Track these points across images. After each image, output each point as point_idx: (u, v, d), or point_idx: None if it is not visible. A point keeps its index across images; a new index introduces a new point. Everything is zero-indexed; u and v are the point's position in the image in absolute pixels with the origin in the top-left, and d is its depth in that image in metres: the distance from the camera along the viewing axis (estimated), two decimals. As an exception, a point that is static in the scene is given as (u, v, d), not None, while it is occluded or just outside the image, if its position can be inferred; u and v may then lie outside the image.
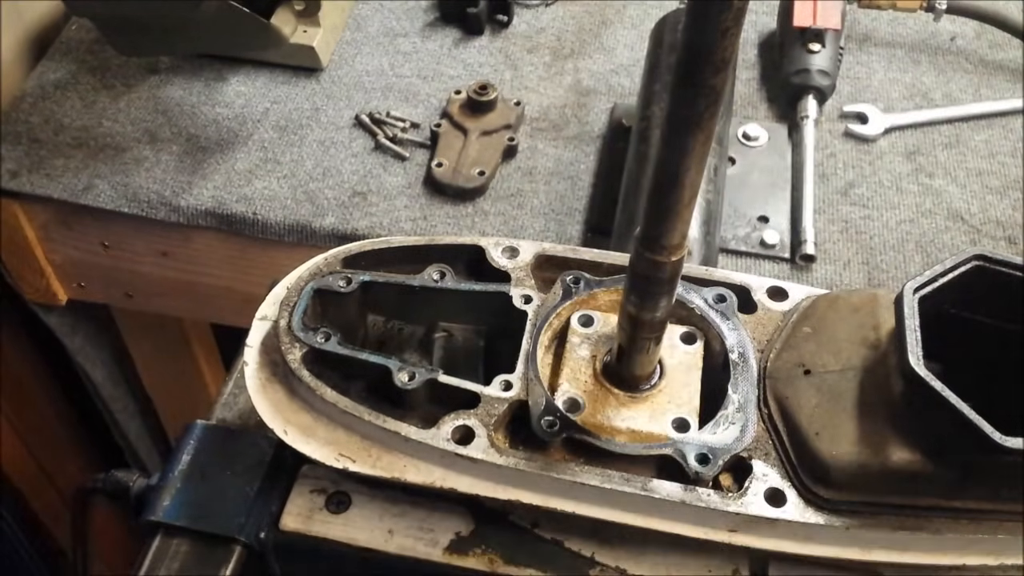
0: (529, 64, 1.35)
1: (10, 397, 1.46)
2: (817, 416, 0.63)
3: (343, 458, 0.66)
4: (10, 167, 1.22)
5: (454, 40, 1.39)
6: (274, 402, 0.69)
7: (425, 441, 0.64)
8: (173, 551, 0.69)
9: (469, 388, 0.67)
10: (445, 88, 1.31)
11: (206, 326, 1.71)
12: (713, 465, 0.63)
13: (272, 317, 0.72)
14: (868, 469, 0.60)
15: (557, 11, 1.43)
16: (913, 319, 0.58)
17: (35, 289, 1.34)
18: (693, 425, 0.66)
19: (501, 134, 1.23)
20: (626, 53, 1.37)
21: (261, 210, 1.17)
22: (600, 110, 1.29)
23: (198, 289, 1.29)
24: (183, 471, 0.72)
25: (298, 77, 1.33)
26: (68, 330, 1.44)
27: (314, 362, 0.68)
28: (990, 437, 0.54)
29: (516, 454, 0.64)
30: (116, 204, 1.19)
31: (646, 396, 0.67)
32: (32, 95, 1.31)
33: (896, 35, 1.40)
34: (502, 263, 0.73)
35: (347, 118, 1.28)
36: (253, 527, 0.69)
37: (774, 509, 0.62)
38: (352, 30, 1.40)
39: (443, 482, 0.65)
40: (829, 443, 0.62)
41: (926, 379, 0.56)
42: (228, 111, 1.29)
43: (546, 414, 0.65)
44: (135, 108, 1.29)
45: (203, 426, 0.75)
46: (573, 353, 0.70)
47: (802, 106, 1.23)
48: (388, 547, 0.67)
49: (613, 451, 0.64)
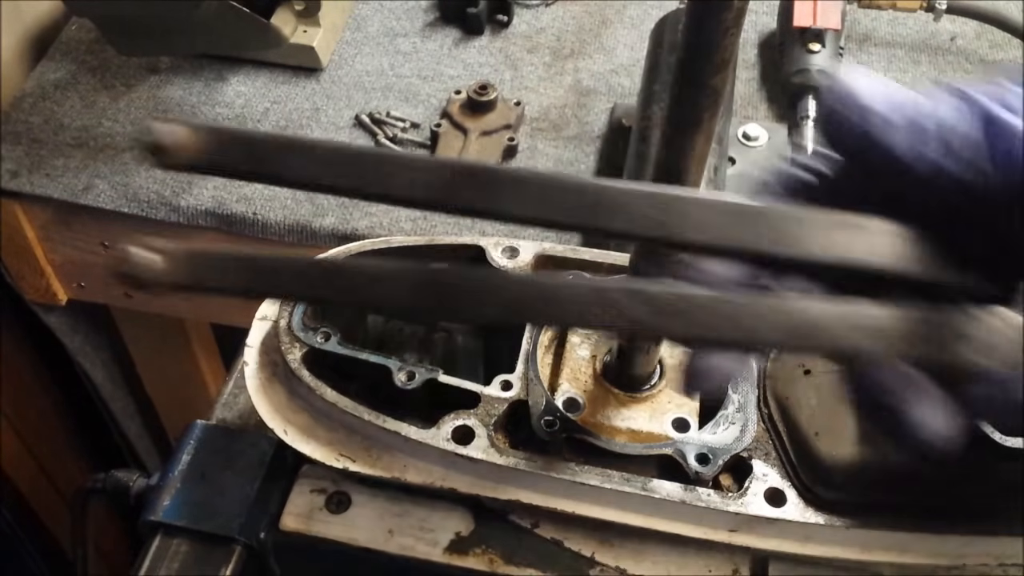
0: (529, 64, 1.35)
1: (10, 397, 1.46)
2: (817, 416, 0.63)
3: (343, 458, 0.66)
4: (10, 167, 1.22)
5: (454, 40, 1.39)
6: (274, 402, 0.69)
7: (425, 441, 0.64)
8: (173, 551, 0.69)
9: (469, 388, 0.67)
10: (445, 88, 1.31)
11: (206, 326, 1.71)
12: (713, 465, 0.63)
13: (272, 317, 0.72)
14: (868, 469, 0.60)
15: (557, 11, 1.43)
16: (913, 319, 0.58)
17: (35, 289, 1.34)
18: (693, 425, 0.66)
19: (501, 134, 1.23)
20: (626, 53, 1.37)
21: (261, 210, 1.17)
22: (600, 110, 1.29)
23: (198, 289, 1.29)
24: (183, 471, 0.72)
25: (298, 77, 1.33)
26: (68, 330, 1.44)
27: (314, 362, 0.68)
28: (990, 437, 0.54)
29: (516, 454, 0.64)
30: (116, 204, 1.19)
31: (646, 396, 0.67)
32: (32, 95, 1.31)
33: (896, 35, 1.40)
34: (502, 263, 0.73)
35: (347, 118, 1.28)
36: (253, 527, 0.69)
37: (774, 509, 0.62)
38: (352, 30, 1.40)
39: (443, 482, 0.65)
40: (829, 443, 0.62)
41: (926, 379, 0.56)
42: (228, 111, 1.29)
43: (546, 414, 0.65)
44: (135, 108, 1.29)
45: (203, 426, 0.75)
46: (573, 353, 0.70)
47: (802, 106, 1.23)
48: (388, 547, 0.67)
49: (613, 451, 0.64)
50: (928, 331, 0.34)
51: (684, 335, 0.37)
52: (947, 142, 0.35)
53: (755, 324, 0.35)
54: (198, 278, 0.34)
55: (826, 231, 0.35)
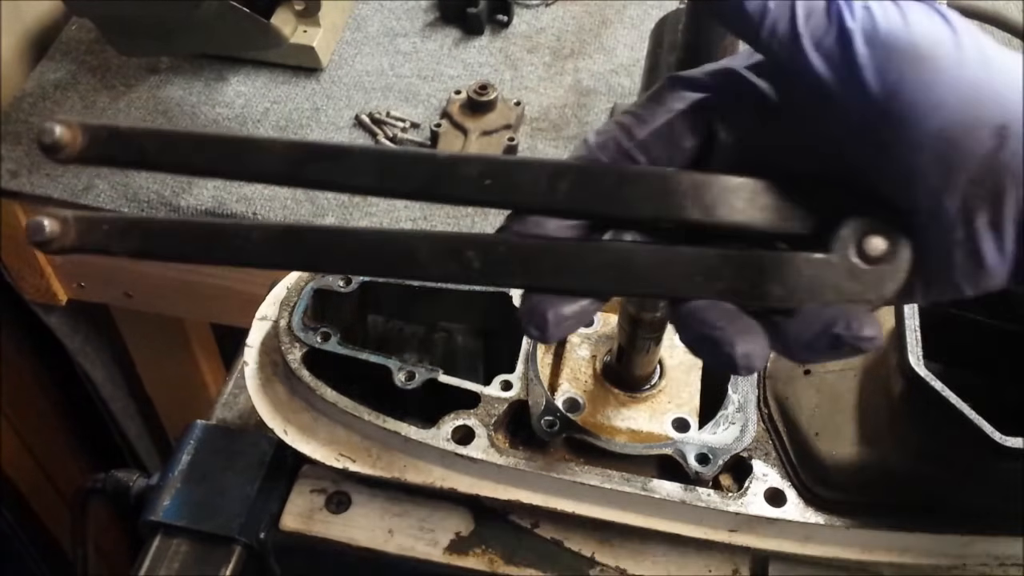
0: (529, 64, 1.35)
1: (10, 397, 1.46)
2: (817, 416, 0.63)
3: (343, 458, 0.66)
4: (10, 167, 1.22)
5: (454, 40, 1.38)
6: (274, 402, 0.69)
7: (425, 441, 0.64)
8: (173, 551, 0.69)
9: (469, 388, 0.67)
10: (445, 88, 1.31)
11: (206, 326, 1.71)
12: (713, 465, 0.63)
13: (272, 317, 0.72)
14: (868, 469, 0.60)
15: (557, 11, 1.43)
16: (913, 319, 0.58)
17: (35, 289, 1.34)
18: (693, 425, 0.66)
19: (501, 134, 1.23)
20: (626, 53, 1.37)
21: (261, 210, 1.17)
22: (600, 110, 1.29)
23: (198, 289, 1.29)
24: (183, 471, 0.72)
25: (298, 77, 1.33)
26: (68, 330, 1.44)
27: (314, 362, 0.68)
28: (990, 437, 0.54)
29: (516, 454, 0.64)
30: (116, 204, 1.19)
31: (646, 396, 0.67)
32: (32, 95, 1.31)
33: (896, 35, 1.39)
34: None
35: (347, 118, 1.28)
36: (253, 527, 0.69)
37: (774, 509, 0.62)
38: (352, 30, 1.40)
39: (443, 482, 0.65)
40: (829, 443, 0.62)
41: (926, 379, 0.56)
42: (228, 111, 1.29)
43: (546, 414, 0.65)
44: (135, 108, 1.29)
45: (203, 426, 0.75)
46: (573, 353, 0.70)
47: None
48: (388, 547, 0.67)
49: (613, 451, 0.64)
50: (740, 272, 0.38)
51: (519, 284, 0.40)
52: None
53: (584, 270, 0.39)
54: (91, 241, 0.39)
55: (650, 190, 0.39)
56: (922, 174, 0.36)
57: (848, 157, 0.38)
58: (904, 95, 0.35)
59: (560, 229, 0.40)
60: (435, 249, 0.39)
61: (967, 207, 0.36)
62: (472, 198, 0.40)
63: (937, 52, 0.35)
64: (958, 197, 0.36)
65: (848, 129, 0.38)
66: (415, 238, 0.40)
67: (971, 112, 0.35)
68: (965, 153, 0.35)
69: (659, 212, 0.39)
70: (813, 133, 0.39)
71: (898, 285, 0.38)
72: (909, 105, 0.35)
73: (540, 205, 0.39)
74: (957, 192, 0.36)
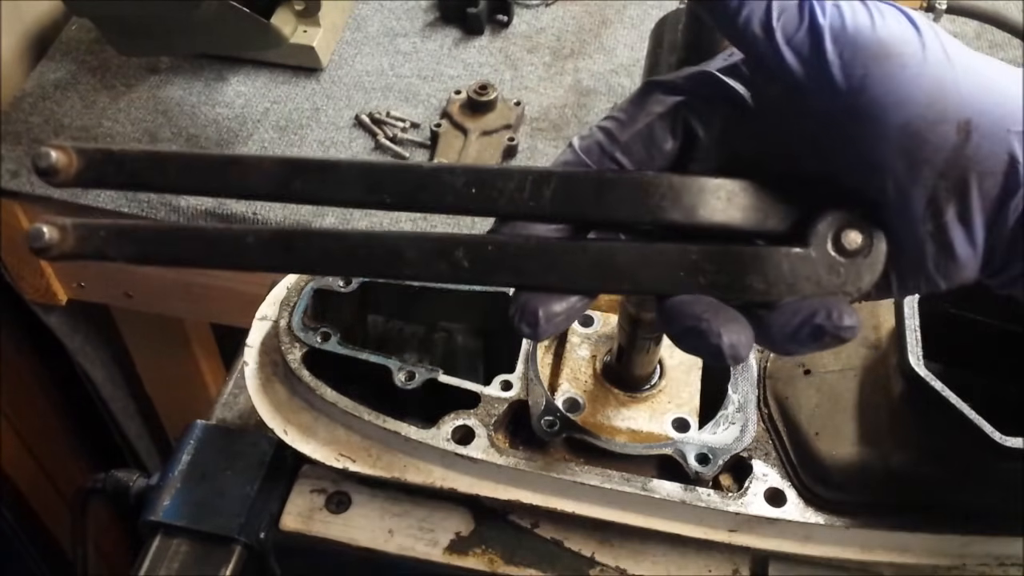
0: (529, 64, 1.35)
1: (10, 397, 1.46)
2: (817, 416, 0.63)
3: (343, 458, 0.66)
4: (10, 167, 1.22)
5: (454, 40, 1.38)
6: (274, 402, 0.69)
7: (425, 441, 0.64)
8: (173, 551, 0.69)
9: (469, 388, 0.67)
10: (445, 88, 1.31)
11: (206, 326, 1.71)
12: (713, 465, 0.63)
13: (272, 317, 0.72)
14: (868, 469, 0.60)
15: (557, 11, 1.43)
16: (913, 319, 0.58)
17: (35, 289, 1.34)
18: (693, 425, 0.66)
19: (501, 134, 1.23)
20: (626, 53, 1.37)
21: (261, 210, 1.17)
22: (600, 110, 1.29)
23: (198, 289, 1.29)
24: (183, 471, 0.72)
25: (298, 77, 1.33)
26: (68, 330, 1.44)
27: (314, 362, 0.68)
28: (990, 437, 0.54)
29: (516, 454, 0.64)
30: (116, 204, 1.19)
31: (646, 396, 0.67)
32: (32, 95, 1.31)
33: (896, 35, 1.39)
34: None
35: (347, 118, 1.28)
36: (253, 527, 0.69)
37: (774, 509, 0.62)
38: (352, 30, 1.40)
39: (443, 482, 0.65)
40: (829, 443, 0.62)
41: (926, 379, 0.56)
42: (228, 111, 1.29)
43: (546, 414, 0.65)
44: (135, 108, 1.29)
45: (203, 426, 0.75)
46: (573, 353, 0.70)
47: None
48: (388, 547, 0.67)
49: (613, 451, 0.64)
50: (722, 268, 0.39)
51: (507, 282, 0.41)
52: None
53: (571, 268, 0.40)
54: (89, 247, 0.41)
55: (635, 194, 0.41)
56: (890, 168, 0.37)
57: (820, 153, 0.39)
58: (870, 90, 0.36)
59: (547, 231, 0.42)
60: (425, 249, 0.40)
61: (935, 200, 0.37)
62: (458, 207, 0.41)
63: (903, 50, 0.36)
64: (925, 190, 0.37)
65: (819, 124, 0.39)
66: (405, 239, 0.40)
67: (935, 108, 0.36)
68: (930, 147, 0.36)
69: (641, 215, 0.40)
70: (788, 131, 0.40)
71: (875, 277, 0.39)
72: (874, 100, 0.36)
73: (525, 211, 0.41)
74: (924, 185, 0.37)
